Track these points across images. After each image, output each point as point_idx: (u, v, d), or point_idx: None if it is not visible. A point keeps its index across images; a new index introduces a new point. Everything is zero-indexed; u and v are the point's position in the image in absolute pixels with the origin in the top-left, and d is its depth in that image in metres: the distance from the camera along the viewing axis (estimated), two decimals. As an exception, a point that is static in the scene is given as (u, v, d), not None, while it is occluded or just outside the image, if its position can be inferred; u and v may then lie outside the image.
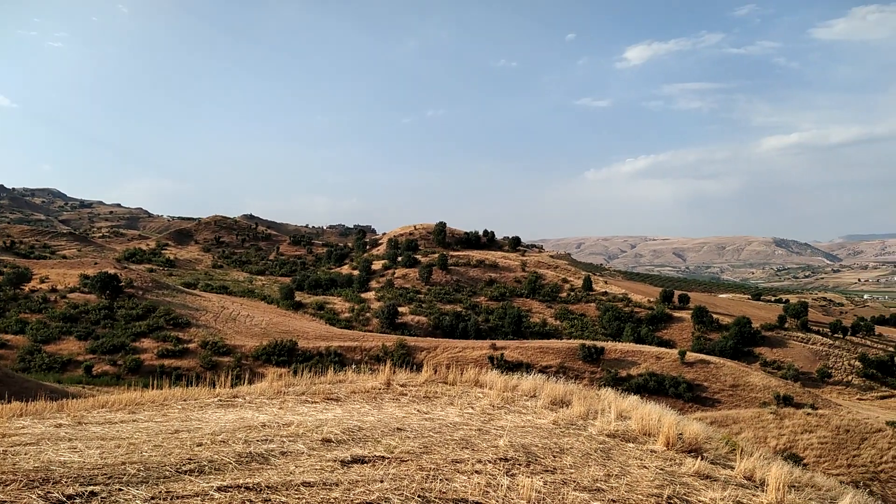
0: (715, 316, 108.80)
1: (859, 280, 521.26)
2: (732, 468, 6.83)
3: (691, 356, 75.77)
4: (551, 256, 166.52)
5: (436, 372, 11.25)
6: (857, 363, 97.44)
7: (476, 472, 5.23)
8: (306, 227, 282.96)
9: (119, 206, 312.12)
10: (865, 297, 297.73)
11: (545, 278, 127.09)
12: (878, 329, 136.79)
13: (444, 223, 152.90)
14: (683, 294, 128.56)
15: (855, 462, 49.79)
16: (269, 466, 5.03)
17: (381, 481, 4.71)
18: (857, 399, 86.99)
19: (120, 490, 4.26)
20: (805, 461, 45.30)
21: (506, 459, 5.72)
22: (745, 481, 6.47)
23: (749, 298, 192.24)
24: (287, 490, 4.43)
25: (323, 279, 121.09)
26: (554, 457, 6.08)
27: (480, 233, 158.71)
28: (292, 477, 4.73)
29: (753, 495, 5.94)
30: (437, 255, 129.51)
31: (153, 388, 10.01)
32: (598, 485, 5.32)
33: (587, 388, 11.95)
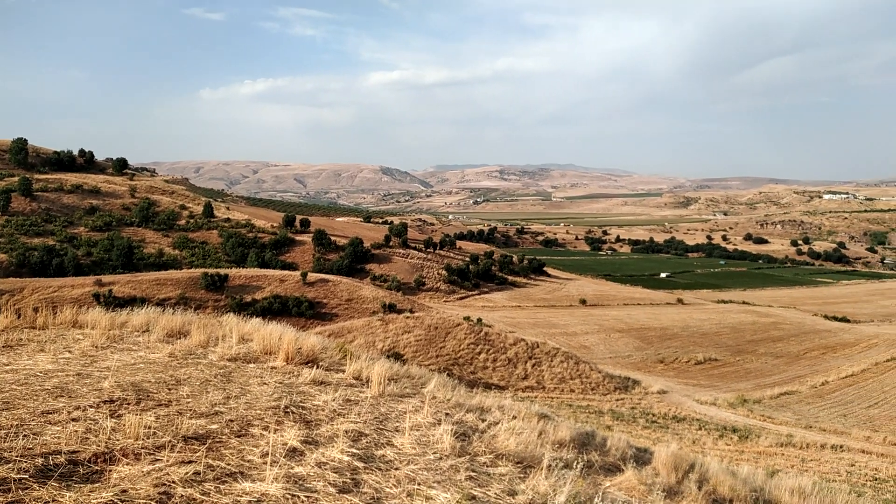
0: (333, 238, 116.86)
1: (446, 203, 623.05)
2: (344, 372, 7.59)
3: (312, 276, 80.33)
4: (166, 181, 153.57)
5: (20, 317, 9.43)
6: (444, 272, 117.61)
7: (73, 420, 4.65)
8: None
9: None
10: (450, 217, 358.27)
11: (160, 205, 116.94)
12: (459, 243, 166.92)
13: (26, 140, 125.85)
14: (305, 219, 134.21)
15: (441, 352, 60.67)
16: None
17: (-63, 454, 3.80)
18: (444, 301, 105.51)
19: None
20: (405, 357, 53.24)
21: (112, 401, 5.23)
22: (354, 381, 7.28)
23: (361, 221, 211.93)
24: None
25: None
26: (169, 389, 5.82)
27: (76, 153, 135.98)
28: None
29: (360, 391, 6.74)
30: (16, 179, 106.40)
31: None
32: (217, 408, 5.31)
33: (210, 316, 11.62)
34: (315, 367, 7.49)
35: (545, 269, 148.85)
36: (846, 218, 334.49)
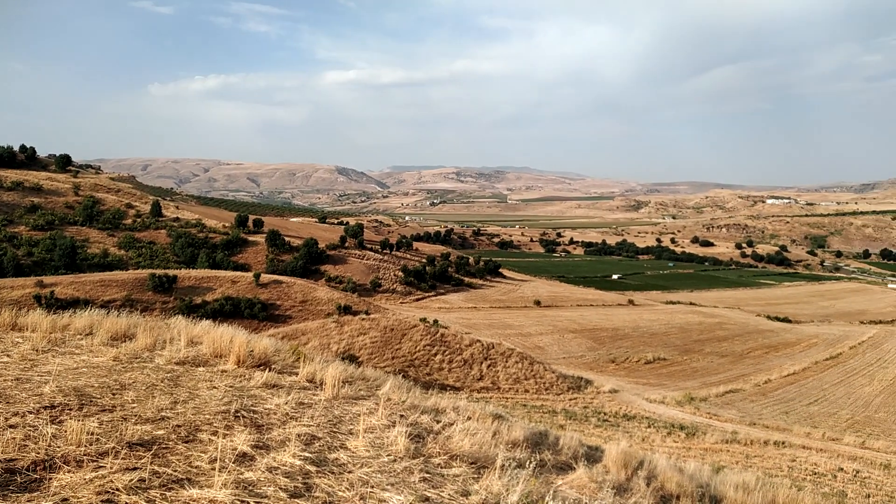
0: (287, 238, 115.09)
1: (402, 204, 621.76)
2: (297, 374, 7.49)
3: (266, 278, 78.90)
4: (112, 179, 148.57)
5: (-48, 320, 8.98)
6: (400, 273, 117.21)
7: (11, 426, 4.46)
8: None
9: None
10: (407, 218, 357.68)
11: (105, 203, 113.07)
12: (416, 245, 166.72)
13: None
14: (258, 219, 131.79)
15: (398, 354, 60.45)
16: None
17: None
18: (401, 303, 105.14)
19: None
20: (360, 359, 52.88)
21: (52, 407, 5.04)
22: (308, 384, 7.19)
23: (316, 221, 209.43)
24: None
25: None
26: (113, 394, 5.64)
27: (16, 149, 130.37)
28: None
29: (314, 394, 6.66)
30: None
31: None
32: (164, 413, 5.17)
33: (158, 318, 11.31)
34: (267, 370, 7.37)
35: (501, 270, 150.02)
36: (788, 222, 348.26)
